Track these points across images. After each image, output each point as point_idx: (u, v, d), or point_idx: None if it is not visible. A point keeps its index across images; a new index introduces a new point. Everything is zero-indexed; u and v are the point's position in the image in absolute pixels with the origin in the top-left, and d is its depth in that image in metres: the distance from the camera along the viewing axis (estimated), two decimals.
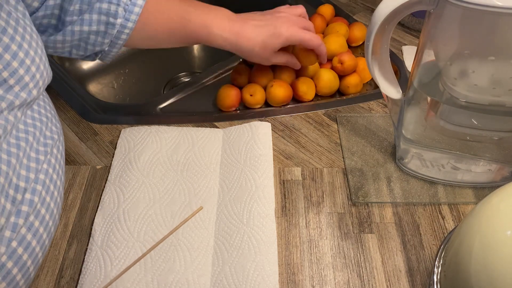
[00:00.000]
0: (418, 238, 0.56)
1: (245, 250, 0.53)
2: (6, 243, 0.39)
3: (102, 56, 0.64)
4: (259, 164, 0.62)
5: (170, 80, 1.00)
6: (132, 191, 0.59)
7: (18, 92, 0.42)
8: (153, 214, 0.57)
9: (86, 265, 0.52)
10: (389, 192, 0.60)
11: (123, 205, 0.57)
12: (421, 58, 0.52)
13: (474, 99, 0.51)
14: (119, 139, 0.66)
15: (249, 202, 0.57)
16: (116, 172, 0.61)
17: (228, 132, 0.67)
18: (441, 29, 0.48)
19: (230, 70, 0.81)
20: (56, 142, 0.49)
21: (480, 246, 0.39)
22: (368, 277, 0.52)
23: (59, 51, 0.61)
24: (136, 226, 0.55)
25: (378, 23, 0.50)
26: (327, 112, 0.72)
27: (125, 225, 0.55)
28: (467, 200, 0.60)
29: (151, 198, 0.58)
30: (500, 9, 0.42)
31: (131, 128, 0.67)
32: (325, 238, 0.56)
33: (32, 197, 0.42)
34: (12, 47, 0.42)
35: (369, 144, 0.67)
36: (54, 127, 0.50)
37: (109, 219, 0.56)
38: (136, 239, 0.54)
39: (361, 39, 0.83)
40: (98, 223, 0.56)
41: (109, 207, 0.57)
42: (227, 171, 0.62)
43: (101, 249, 0.53)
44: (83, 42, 0.60)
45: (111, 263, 0.52)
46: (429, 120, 0.56)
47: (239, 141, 0.65)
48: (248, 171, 0.61)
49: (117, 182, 0.60)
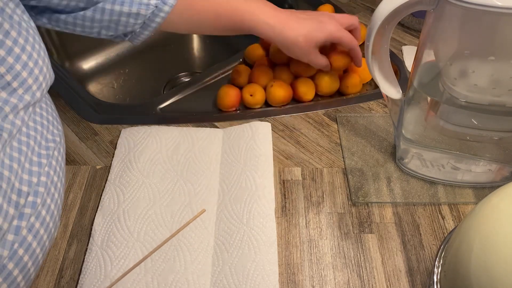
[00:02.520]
0: (418, 238, 0.56)
1: (245, 250, 0.53)
2: (9, 247, 0.39)
3: (132, 37, 0.61)
4: (259, 164, 0.62)
5: (170, 80, 1.00)
6: (132, 191, 0.59)
7: (22, 95, 0.42)
8: (153, 214, 0.57)
9: (86, 265, 0.52)
10: (389, 192, 0.60)
11: (123, 205, 0.57)
12: (421, 58, 0.52)
13: (474, 99, 0.51)
14: (119, 139, 0.66)
15: (249, 202, 0.57)
16: (116, 172, 0.61)
17: (228, 132, 0.67)
18: (441, 29, 0.48)
19: (230, 70, 0.81)
20: (57, 145, 0.49)
21: (480, 246, 0.39)
22: (368, 277, 0.52)
23: (87, 30, 0.59)
24: (136, 226, 0.55)
25: (378, 23, 0.50)
26: (327, 112, 0.72)
27: (125, 225, 0.55)
28: (467, 200, 0.60)
29: (151, 198, 0.58)
30: (500, 9, 0.42)
31: (131, 128, 0.67)
32: (325, 238, 0.56)
33: (35, 199, 0.42)
34: (15, 50, 0.41)
35: (369, 144, 0.67)
36: (55, 129, 0.49)
37: (109, 219, 0.56)
38: (136, 239, 0.54)
39: (361, 39, 0.83)
40: (98, 223, 0.56)
41: (109, 207, 0.57)
42: (227, 171, 0.62)
43: (101, 249, 0.53)
44: (113, 23, 0.58)
45: (111, 263, 0.52)
46: (429, 120, 0.56)
47: (239, 141, 0.65)
48: (248, 171, 0.61)
49: (117, 182, 0.60)
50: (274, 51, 0.77)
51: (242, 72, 0.76)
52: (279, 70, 0.77)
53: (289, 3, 0.98)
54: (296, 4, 0.96)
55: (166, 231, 0.55)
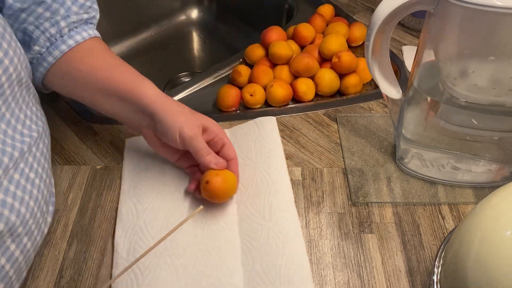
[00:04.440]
0: (418, 238, 0.56)
1: (273, 246, 0.53)
2: None
3: (35, 65, 0.55)
4: (271, 159, 0.62)
5: (170, 80, 1.00)
6: (149, 201, 0.58)
7: None
8: (175, 222, 0.55)
9: (117, 280, 0.51)
10: (389, 192, 0.60)
11: (143, 216, 0.56)
12: (421, 58, 0.52)
13: (474, 99, 0.51)
14: (125, 149, 0.65)
15: (267, 198, 0.57)
16: (128, 183, 0.60)
17: (234, 131, 0.67)
18: (441, 29, 0.48)
19: (230, 70, 0.81)
20: (35, 140, 0.48)
21: (480, 246, 0.39)
22: (368, 277, 0.52)
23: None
24: (160, 235, 0.54)
25: (378, 23, 0.50)
26: (327, 112, 0.72)
27: (148, 235, 0.54)
28: (467, 200, 0.60)
29: (169, 206, 0.57)
30: (500, 9, 0.42)
31: (136, 138, 0.66)
32: (325, 238, 0.56)
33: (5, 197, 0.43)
34: None
35: (369, 144, 0.67)
36: (34, 124, 0.49)
37: (130, 230, 0.55)
38: (163, 248, 0.53)
39: (361, 39, 0.83)
40: (120, 236, 0.55)
41: (128, 219, 0.56)
42: (240, 170, 0.61)
43: (128, 262, 0.52)
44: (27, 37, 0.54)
45: (141, 274, 0.51)
46: (429, 120, 0.56)
47: (246, 139, 0.65)
48: (261, 167, 0.61)
49: (132, 192, 0.59)
50: (274, 51, 0.77)
51: (242, 72, 0.76)
52: (279, 70, 0.77)
53: (289, 3, 0.98)
54: (296, 4, 0.96)
55: (191, 237, 0.55)
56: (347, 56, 0.74)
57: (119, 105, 0.55)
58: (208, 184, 0.54)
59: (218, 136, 0.57)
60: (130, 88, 0.54)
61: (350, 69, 0.75)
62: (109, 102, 0.55)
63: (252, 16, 1.06)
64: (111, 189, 0.61)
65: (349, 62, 0.74)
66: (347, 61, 0.74)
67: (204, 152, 0.55)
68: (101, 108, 0.57)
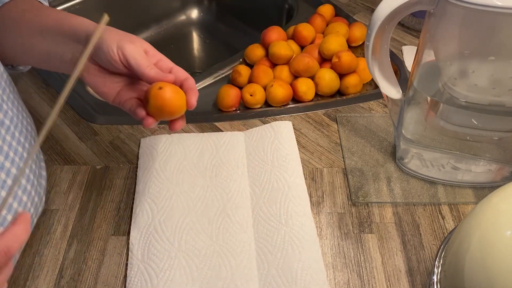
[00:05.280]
0: (418, 238, 0.56)
1: (289, 250, 0.53)
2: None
3: None
4: (288, 163, 0.62)
5: None
6: (164, 201, 0.58)
7: None
8: (190, 223, 0.56)
9: (130, 280, 0.51)
10: (389, 192, 0.60)
11: (158, 216, 0.56)
12: (421, 58, 0.52)
13: (474, 99, 0.51)
14: (140, 149, 0.65)
15: (284, 202, 0.57)
16: (143, 183, 0.60)
17: (250, 134, 0.67)
18: (441, 29, 0.48)
19: (230, 70, 0.81)
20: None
21: (479, 246, 0.39)
22: (368, 277, 0.52)
23: None
24: (176, 236, 0.54)
25: (378, 23, 0.50)
26: (327, 112, 0.72)
27: (164, 236, 0.54)
28: (467, 200, 0.60)
29: (185, 207, 0.57)
30: (500, 9, 0.42)
31: (150, 138, 0.66)
32: (325, 238, 0.56)
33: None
34: None
35: (369, 144, 0.67)
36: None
37: (145, 231, 0.55)
38: (178, 249, 0.53)
39: (361, 39, 0.83)
40: (135, 237, 0.55)
41: (143, 219, 0.56)
42: (255, 173, 0.61)
43: (143, 263, 0.52)
44: None
45: (156, 275, 0.51)
46: (429, 120, 0.56)
47: (262, 143, 0.65)
48: (277, 171, 0.61)
49: (147, 192, 0.59)
50: (274, 51, 0.77)
51: (242, 72, 0.76)
52: (279, 70, 0.77)
53: (289, 3, 0.98)
54: (296, 4, 0.96)
55: (206, 239, 0.54)
56: (347, 56, 0.74)
57: (53, 40, 0.50)
58: (161, 90, 0.46)
59: (162, 60, 0.50)
60: (65, 20, 0.50)
61: (350, 69, 0.75)
62: (44, 41, 0.51)
63: (252, 16, 1.06)
64: (111, 189, 0.61)
65: (349, 62, 0.74)
66: (347, 61, 0.74)
67: (149, 66, 0.48)
68: (34, 52, 0.52)
